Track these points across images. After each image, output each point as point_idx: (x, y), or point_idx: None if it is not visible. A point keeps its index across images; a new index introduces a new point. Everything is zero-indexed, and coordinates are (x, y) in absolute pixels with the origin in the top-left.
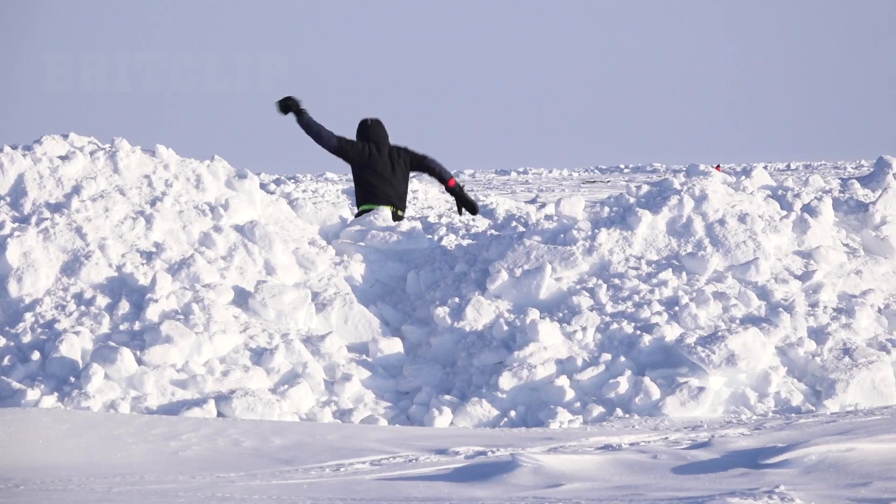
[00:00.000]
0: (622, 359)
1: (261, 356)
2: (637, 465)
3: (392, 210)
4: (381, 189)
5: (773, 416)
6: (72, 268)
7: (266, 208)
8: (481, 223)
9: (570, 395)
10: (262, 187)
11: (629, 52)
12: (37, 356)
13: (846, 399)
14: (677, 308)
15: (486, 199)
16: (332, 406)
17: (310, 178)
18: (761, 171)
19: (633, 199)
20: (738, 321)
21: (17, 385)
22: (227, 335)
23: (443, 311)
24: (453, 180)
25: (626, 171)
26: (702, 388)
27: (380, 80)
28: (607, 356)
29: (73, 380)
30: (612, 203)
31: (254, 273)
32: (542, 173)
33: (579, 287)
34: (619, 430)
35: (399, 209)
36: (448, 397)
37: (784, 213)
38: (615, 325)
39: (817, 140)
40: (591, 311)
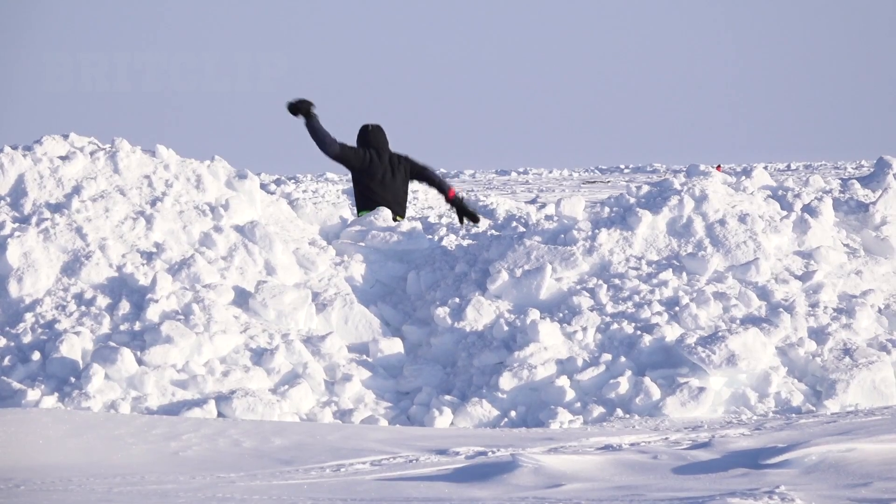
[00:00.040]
0: (622, 359)
1: (261, 356)
2: (637, 466)
3: (391, 216)
4: (380, 195)
5: (773, 416)
6: (72, 268)
7: (266, 208)
8: (481, 223)
9: (571, 395)
10: (263, 187)
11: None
12: (37, 356)
13: (846, 399)
14: (677, 308)
15: (487, 199)
16: (332, 406)
17: (310, 179)
18: (761, 172)
19: (633, 200)
20: (738, 321)
21: (17, 385)
22: (228, 335)
23: (443, 312)
24: (453, 191)
25: (627, 171)
26: (702, 389)
27: (380, 79)
28: (608, 356)
29: (73, 380)
30: (612, 203)
31: (254, 273)
32: (543, 173)
33: (580, 287)
34: (619, 430)
35: (398, 215)
36: (448, 397)
37: (784, 213)
38: (615, 326)
39: (817, 140)
40: (592, 311)
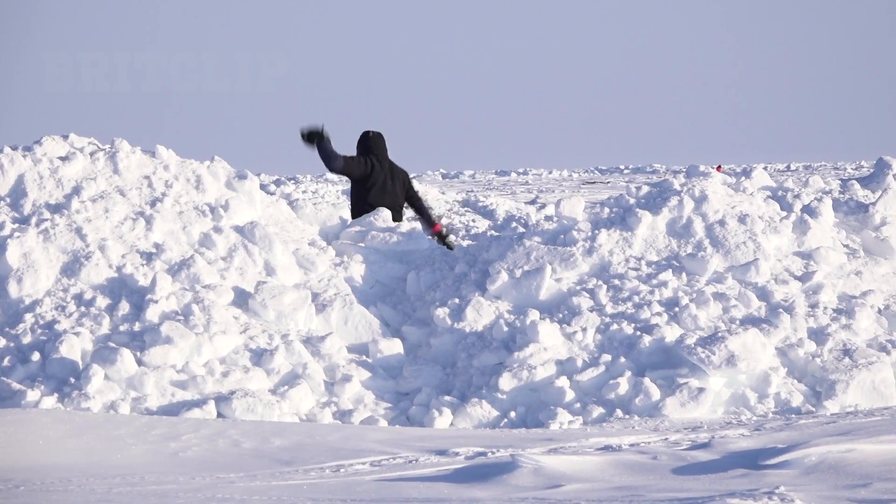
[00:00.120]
0: (622, 360)
1: (261, 357)
2: (637, 466)
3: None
4: (377, 200)
5: (773, 416)
6: (72, 268)
7: (266, 209)
8: (481, 224)
9: (570, 395)
10: (262, 188)
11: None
12: (37, 357)
13: (846, 400)
14: (677, 309)
15: (487, 199)
16: (332, 407)
17: (310, 179)
18: (761, 172)
19: (633, 200)
20: (738, 322)
21: (17, 386)
22: (227, 336)
23: (443, 312)
24: (438, 226)
25: (626, 171)
26: (702, 389)
27: (380, 79)
28: (607, 357)
29: (73, 380)
30: (611, 204)
31: (254, 274)
32: (542, 174)
33: (579, 288)
34: (619, 430)
35: (395, 220)
36: (448, 398)
37: (784, 213)
38: (615, 326)
39: (817, 141)
40: (591, 311)
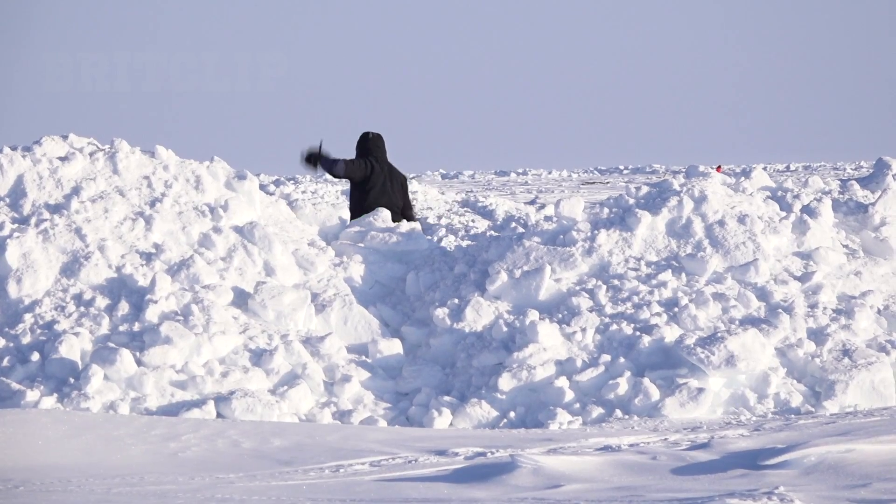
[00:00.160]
0: (622, 360)
1: (260, 357)
2: (636, 467)
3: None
4: (376, 202)
5: (772, 417)
6: (71, 269)
7: (265, 209)
8: (481, 224)
9: (570, 396)
10: (262, 188)
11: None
12: (36, 357)
13: (845, 400)
14: (677, 309)
15: (486, 199)
16: (331, 407)
17: (309, 180)
18: (760, 172)
19: (632, 200)
20: (737, 322)
21: (16, 386)
22: (227, 336)
23: (442, 312)
24: None
25: (626, 172)
26: (701, 390)
27: (380, 79)
28: (607, 357)
29: (72, 381)
30: (611, 204)
31: (253, 274)
32: (542, 174)
33: (579, 288)
34: (618, 431)
35: (394, 220)
36: (447, 398)
37: (783, 214)
38: (615, 327)
39: (817, 141)
40: (591, 312)
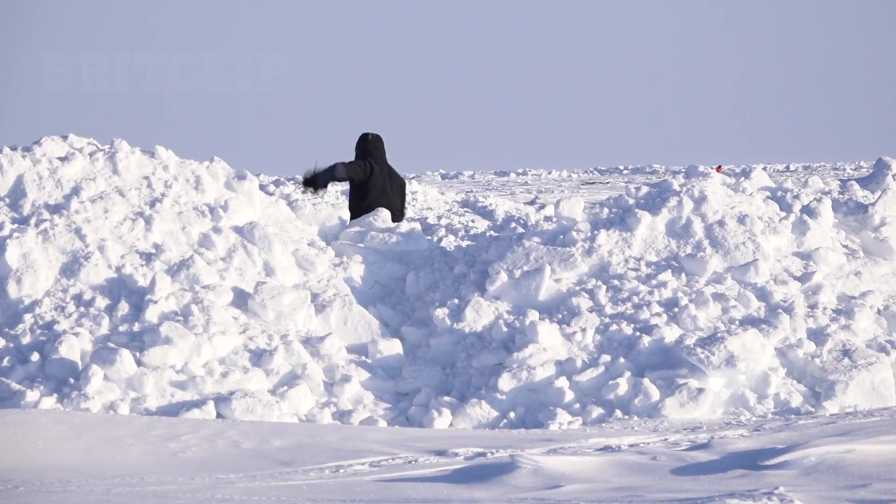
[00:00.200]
0: (621, 360)
1: (260, 357)
2: (636, 467)
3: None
4: (376, 202)
5: (772, 417)
6: (71, 269)
7: (265, 209)
8: (481, 224)
9: (570, 396)
10: (262, 188)
11: (629, 53)
12: (36, 357)
13: (845, 400)
14: (676, 309)
15: (486, 200)
16: (331, 407)
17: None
18: (760, 173)
19: (632, 201)
20: (737, 322)
21: (16, 386)
22: (227, 336)
23: (442, 313)
24: None
25: (626, 172)
26: (701, 390)
27: (379, 79)
28: (607, 357)
29: (72, 381)
30: (611, 204)
31: (253, 274)
32: (542, 174)
33: (578, 288)
34: (618, 431)
35: (394, 221)
36: (447, 398)
37: (783, 214)
38: (614, 327)
39: (816, 141)
40: (591, 312)
